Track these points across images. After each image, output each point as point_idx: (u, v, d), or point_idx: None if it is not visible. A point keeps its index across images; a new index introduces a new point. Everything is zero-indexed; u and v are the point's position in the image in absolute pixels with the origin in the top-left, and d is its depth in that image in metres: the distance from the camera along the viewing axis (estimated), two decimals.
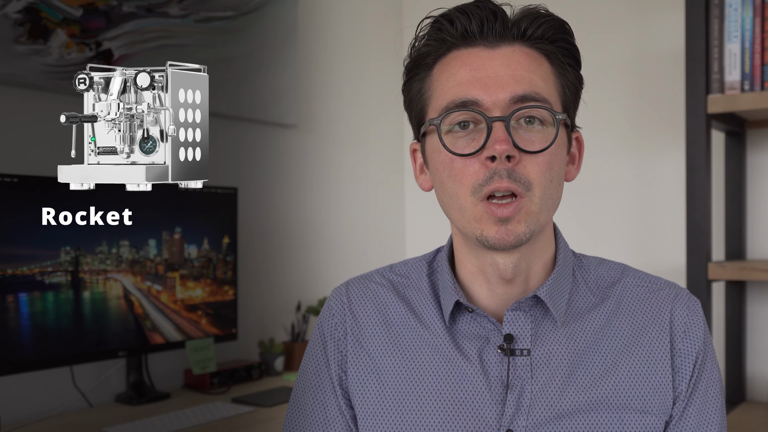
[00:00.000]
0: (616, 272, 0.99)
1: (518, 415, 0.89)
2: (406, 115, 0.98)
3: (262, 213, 2.26)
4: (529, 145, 0.87)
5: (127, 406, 1.80)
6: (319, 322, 1.02)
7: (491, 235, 0.87)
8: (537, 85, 0.88)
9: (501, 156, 0.85)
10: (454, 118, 0.89)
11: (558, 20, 0.92)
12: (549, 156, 0.88)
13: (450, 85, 0.90)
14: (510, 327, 0.92)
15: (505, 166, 0.86)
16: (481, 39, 0.90)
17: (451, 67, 0.91)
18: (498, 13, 0.90)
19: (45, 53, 1.72)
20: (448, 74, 0.91)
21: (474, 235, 0.89)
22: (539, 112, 0.88)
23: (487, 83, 0.88)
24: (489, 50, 0.90)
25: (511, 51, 0.90)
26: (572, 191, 2.53)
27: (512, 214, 0.86)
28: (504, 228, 0.87)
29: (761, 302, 2.08)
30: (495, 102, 0.87)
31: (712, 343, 0.96)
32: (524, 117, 0.88)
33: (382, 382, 0.95)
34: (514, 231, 0.87)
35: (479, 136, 0.87)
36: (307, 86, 2.42)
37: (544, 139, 0.88)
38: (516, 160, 0.86)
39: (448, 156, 0.89)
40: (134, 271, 1.79)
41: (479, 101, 0.87)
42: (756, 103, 1.77)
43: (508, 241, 0.87)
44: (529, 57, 0.90)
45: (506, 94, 0.87)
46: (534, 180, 0.87)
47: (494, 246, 0.88)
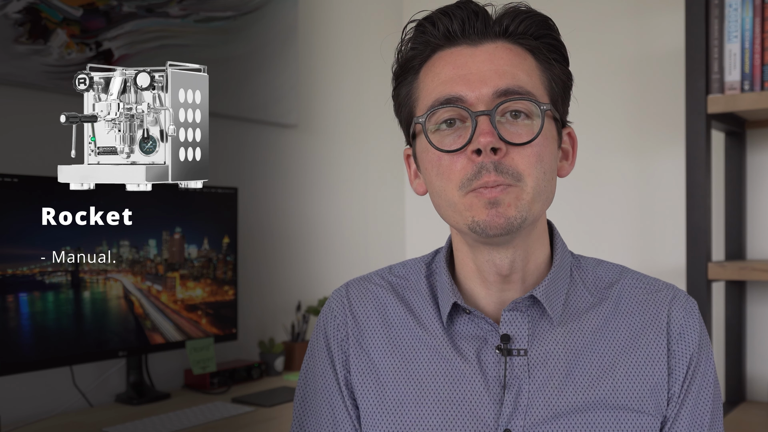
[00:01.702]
0: (614, 273, 0.99)
1: (516, 415, 0.89)
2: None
3: (262, 213, 2.26)
4: (516, 137, 0.87)
5: (127, 406, 1.80)
6: (322, 323, 1.02)
7: (482, 218, 0.86)
8: (520, 78, 0.88)
9: (486, 148, 0.85)
10: (439, 116, 0.89)
11: (541, 16, 0.92)
12: (537, 147, 0.87)
13: (434, 84, 0.91)
14: (507, 327, 0.92)
15: (492, 159, 0.85)
16: (463, 38, 0.91)
17: (435, 67, 0.92)
18: (479, 12, 0.91)
19: (45, 53, 1.72)
20: (433, 74, 0.91)
21: (466, 224, 0.88)
22: (524, 104, 0.88)
23: (471, 79, 0.88)
24: (472, 48, 0.90)
25: (494, 47, 0.90)
26: (572, 191, 2.50)
27: (501, 194, 0.86)
28: (494, 210, 0.86)
29: (761, 302, 2.08)
30: (479, 97, 0.87)
31: (709, 345, 0.96)
32: (510, 111, 0.88)
33: (381, 383, 0.95)
34: (505, 214, 0.86)
35: (465, 132, 0.88)
36: (307, 86, 2.42)
37: (530, 131, 0.88)
38: (503, 153, 0.86)
39: (435, 154, 0.89)
40: (134, 271, 1.79)
41: (463, 97, 0.88)
42: (756, 103, 1.77)
43: (499, 222, 0.86)
44: (512, 52, 0.90)
45: (489, 89, 0.87)
46: (524, 171, 0.86)
47: (486, 230, 0.87)
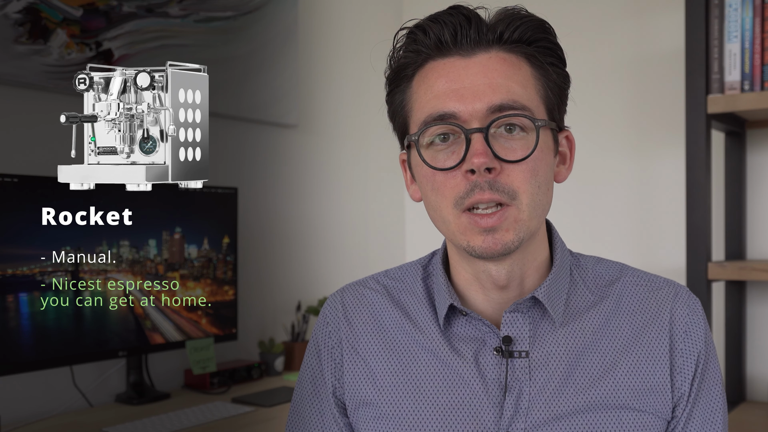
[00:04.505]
0: (615, 271, 0.98)
1: (517, 418, 0.89)
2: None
3: (262, 213, 2.26)
4: (510, 153, 0.86)
5: (127, 406, 1.80)
6: (314, 330, 1.03)
7: (477, 245, 0.87)
8: (515, 92, 0.87)
9: (480, 169, 0.84)
10: (432, 132, 0.88)
11: (536, 20, 0.90)
12: (533, 163, 0.86)
13: (428, 98, 0.89)
14: (508, 329, 0.92)
15: (486, 178, 0.85)
16: (455, 48, 0.89)
17: (428, 78, 0.90)
18: (472, 18, 0.88)
19: (45, 53, 1.72)
20: (426, 86, 0.90)
21: (461, 246, 0.89)
22: (518, 120, 0.86)
23: (464, 94, 0.86)
24: (464, 59, 0.88)
25: (487, 58, 0.88)
26: (572, 191, 2.50)
27: (498, 223, 0.85)
28: (491, 237, 0.86)
29: (761, 302, 2.08)
30: (472, 113, 0.86)
31: (713, 342, 0.96)
32: (504, 125, 0.86)
33: (378, 387, 0.95)
34: (502, 240, 0.86)
35: (459, 148, 0.87)
36: (307, 86, 2.42)
37: (525, 147, 0.86)
38: (497, 171, 0.85)
39: (429, 170, 0.89)
40: (134, 271, 1.79)
41: (456, 113, 0.86)
42: (756, 103, 1.77)
43: (496, 250, 0.86)
44: (506, 63, 0.88)
45: (483, 105, 0.86)
46: (519, 188, 0.86)
47: (481, 255, 0.87)
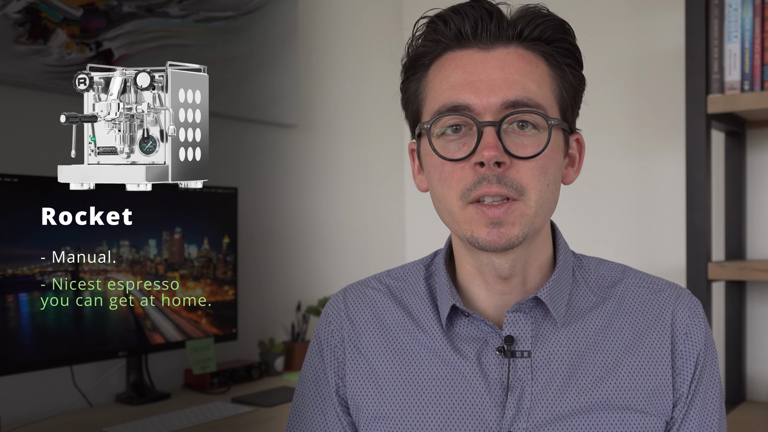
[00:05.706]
0: (617, 272, 0.98)
1: (519, 417, 0.89)
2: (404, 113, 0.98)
3: (262, 213, 2.26)
4: (521, 150, 0.86)
5: (127, 406, 1.80)
6: (317, 330, 1.02)
7: (482, 237, 0.86)
8: (530, 89, 0.87)
9: (489, 162, 0.84)
10: (445, 122, 0.88)
11: (557, 20, 0.90)
12: (543, 160, 0.86)
13: (443, 87, 0.89)
14: (510, 329, 0.92)
15: (495, 172, 0.85)
16: (474, 41, 0.88)
17: (445, 69, 0.90)
18: (493, 12, 0.88)
19: (45, 53, 1.72)
20: (442, 76, 0.90)
21: (465, 236, 0.88)
22: (531, 117, 0.86)
23: (479, 87, 0.86)
24: (483, 52, 0.88)
25: (506, 53, 0.88)
26: (573, 191, 2.52)
27: (504, 215, 0.85)
28: (496, 230, 0.86)
29: (761, 302, 2.08)
30: (486, 106, 0.86)
31: (713, 344, 0.96)
32: (517, 121, 0.86)
33: (380, 387, 0.95)
34: (507, 234, 0.86)
35: (470, 140, 0.87)
36: (307, 86, 2.42)
37: (536, 144, 0.86)
38: (507, 166, 0.85)
39: (438, 160, 0.88)
40: (134, 271, 1.79)
41: (470, 105, 0.86)
42: (756, 103, 1.77)
43: (500, 243, 0.86)
44: (524, 59, 0.88)
45: (498, 99, 0.86)
46: (528, 184, 0.86)
47: (485, 248, 0.87)
